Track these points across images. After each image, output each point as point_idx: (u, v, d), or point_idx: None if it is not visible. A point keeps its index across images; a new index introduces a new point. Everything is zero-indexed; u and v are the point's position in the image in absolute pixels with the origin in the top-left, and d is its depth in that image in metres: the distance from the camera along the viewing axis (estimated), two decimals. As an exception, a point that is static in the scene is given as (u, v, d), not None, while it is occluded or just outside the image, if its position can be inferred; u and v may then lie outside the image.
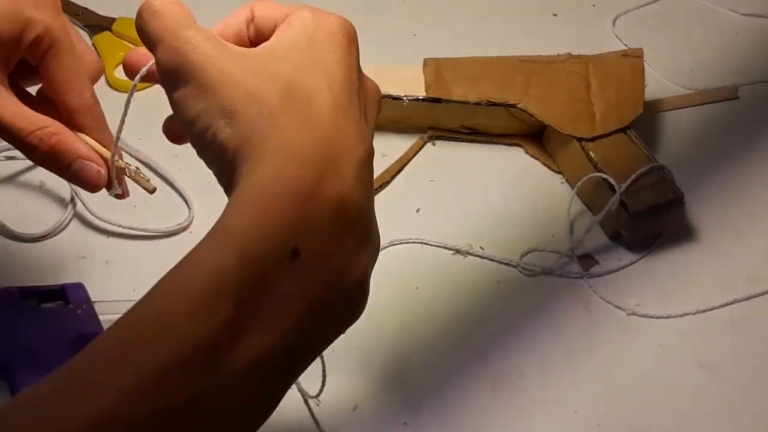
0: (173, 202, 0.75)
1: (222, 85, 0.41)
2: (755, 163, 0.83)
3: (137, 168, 0.53)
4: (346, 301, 0.40)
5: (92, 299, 0.65)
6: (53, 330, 0.62)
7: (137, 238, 0.72)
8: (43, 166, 0.53)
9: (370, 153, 0.42)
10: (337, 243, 0.39)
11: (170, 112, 0.48)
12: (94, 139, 0.53)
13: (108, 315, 0.65)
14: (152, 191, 0.52)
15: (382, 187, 0.78)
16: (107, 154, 0.53)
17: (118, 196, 0.54)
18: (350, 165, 0.40)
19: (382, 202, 0.77)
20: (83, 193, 0.73)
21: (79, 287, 0.65)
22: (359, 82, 0.43)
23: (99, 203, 0.73)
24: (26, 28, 0.50)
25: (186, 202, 0.74)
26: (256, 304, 0.37)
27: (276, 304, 0.37)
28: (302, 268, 0.38)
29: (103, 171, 0.52)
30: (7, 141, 0.51)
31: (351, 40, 0.44)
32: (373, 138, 0.43)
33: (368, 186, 0.41)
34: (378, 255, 0.42)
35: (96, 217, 0.72)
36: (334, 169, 0.39)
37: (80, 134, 0.53)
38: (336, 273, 0.39)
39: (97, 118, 0.53)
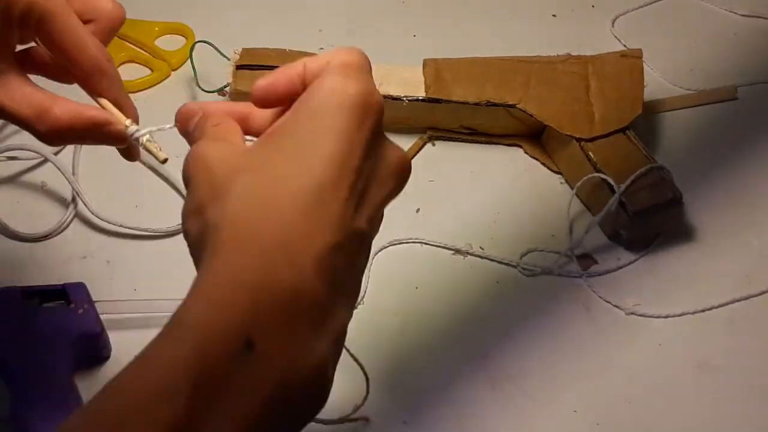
0: (173, 202, 0.75)
1: (201, 184, 0.41)
2: (754, 164, 0.83)
3: (150, 136, 0.51)
4: (303, 390, 0.39)
5: (93, 299, 0.65)
6: (55, 330, 0.63)
7: (138, 237, 0.72)
8: (62, 143, 0.52)
9: (343, 240, 0.40)
10: (289, 333, 0.38)
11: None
12: (111, 102, 0.51)
13: (109, 314, 0.65)
14: (163, 161, 0.50)
15: (382, 187, 0.78)
16: (123, 119, 0.51)
17: (130, 157, 0.53)
18: (310, 253, 0.39)
19: (382, 202, 0.77)
20: (85, 194, 0.73)
21: (81, 287, 0.65)
22: (372, 158, 0.42)
23: (100, 203, 0.73)
24: (9, 8, 0.48)
25: (187, 202, 0.74)
26: (210, 398, 0.36)
27: (232, 397, 0.37)
28: (256, 359, 0.37)
29: (122, 128, 0.50)
30: (20, 127, 0.50)
31: (367, 114, 0.41)
32: (378, 218, 0.43)
33: (333, 275, 0.40)
34: (343, 346, 0.42)
35: (97, 217, 0.73)
36: (289, 257, 0.38)
37: (100, 99, 0.51)
38: (290, 363, 0.38)
39: (110, 78, 0.51)
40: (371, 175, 0.42)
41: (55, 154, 0.76)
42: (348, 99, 0.41)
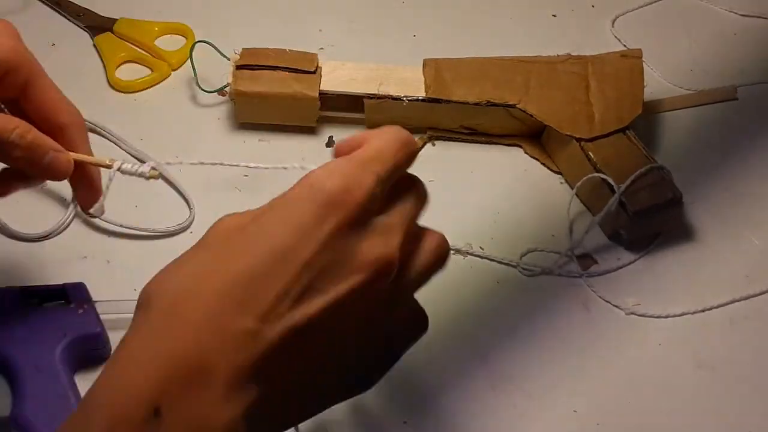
0: (174, 202, 0.75)
1: (206, 248, 0.43)
2: (754, 164, 0.83)
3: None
4: None
5: (93, 299, 0.65)
6: (55, 329, 0.63)
7: (138, 237, 0.72)
8: (17, 164, 0.55)
9: (267, 330, 0.40)
10: (197, 402, 0.39)
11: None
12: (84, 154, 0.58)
13: (109, 314, 0.65)
14: (157, 176, 0.56)
15: (382, 187, 0.78)
16: (103, 163, 0.57)
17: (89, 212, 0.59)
18: (231, 332, 0.40)
19: (382, 202, 0.77)
20: (84, 193, 0.73)
21: (80, 287, 0.65)
22: (334, 252, 0.42)
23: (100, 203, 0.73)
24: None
25: (187, 202, 0.74)
26: None
27: None
28: (164, 425, 0.39)
29: (71, 160, 0.56)
30: None
31: (336, 211, 0.42)
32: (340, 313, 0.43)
33: (253, 359, 0.40)
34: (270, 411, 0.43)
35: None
36: (210, 333, 0.40)
37: (71, 153, 0.57)
38: (198, 424, 0.40)
39: (85, 132, 0.58)
40: (328, 270, 0.42)
41: (55, 154, 0.76)
42: (320, 195, 0.41)
